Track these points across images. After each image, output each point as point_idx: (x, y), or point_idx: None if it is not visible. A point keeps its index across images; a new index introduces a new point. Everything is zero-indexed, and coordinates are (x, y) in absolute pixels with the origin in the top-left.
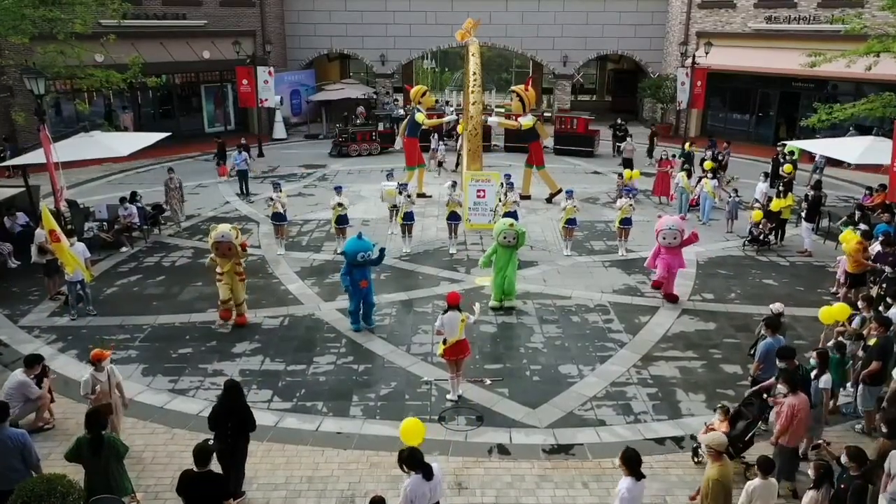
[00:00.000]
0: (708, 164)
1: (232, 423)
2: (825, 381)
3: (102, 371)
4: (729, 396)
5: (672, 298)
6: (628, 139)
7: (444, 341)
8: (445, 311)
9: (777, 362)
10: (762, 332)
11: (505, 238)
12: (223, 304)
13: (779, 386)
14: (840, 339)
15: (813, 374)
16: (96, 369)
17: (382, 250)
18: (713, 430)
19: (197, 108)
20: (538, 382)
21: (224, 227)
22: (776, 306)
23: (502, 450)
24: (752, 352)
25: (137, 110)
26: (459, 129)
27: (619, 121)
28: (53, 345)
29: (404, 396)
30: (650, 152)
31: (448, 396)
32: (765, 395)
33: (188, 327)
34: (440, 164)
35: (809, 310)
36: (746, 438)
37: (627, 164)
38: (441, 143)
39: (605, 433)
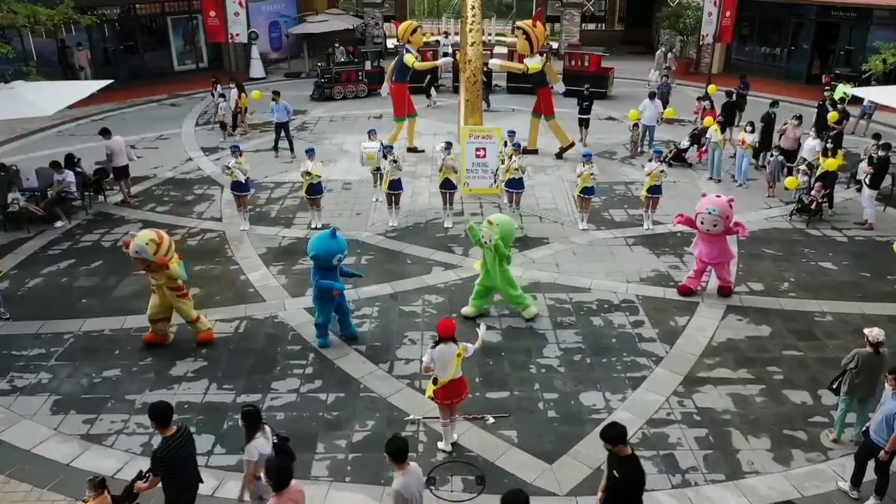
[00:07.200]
0: None
1: None
2: None
3: None
4: (800, 442)
5: (725, 292)
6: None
7: (435, 380)
8: (436, 344)
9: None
10: (881, 380)
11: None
12: (150, 322)
13: None
14: None
15: None
16: None
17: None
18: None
19: (164, 43)
20: (555, 420)
21: (141, 239)
22: (874, 333)
23: None
24: (833, 386)
25: (101, 46)
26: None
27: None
28: None
29: (384, 443)
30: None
31: (440, 445)
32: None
33: (120, 336)
34: (225, 125)
35: (882, 305)
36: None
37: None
38: (222, 98)
39: None
